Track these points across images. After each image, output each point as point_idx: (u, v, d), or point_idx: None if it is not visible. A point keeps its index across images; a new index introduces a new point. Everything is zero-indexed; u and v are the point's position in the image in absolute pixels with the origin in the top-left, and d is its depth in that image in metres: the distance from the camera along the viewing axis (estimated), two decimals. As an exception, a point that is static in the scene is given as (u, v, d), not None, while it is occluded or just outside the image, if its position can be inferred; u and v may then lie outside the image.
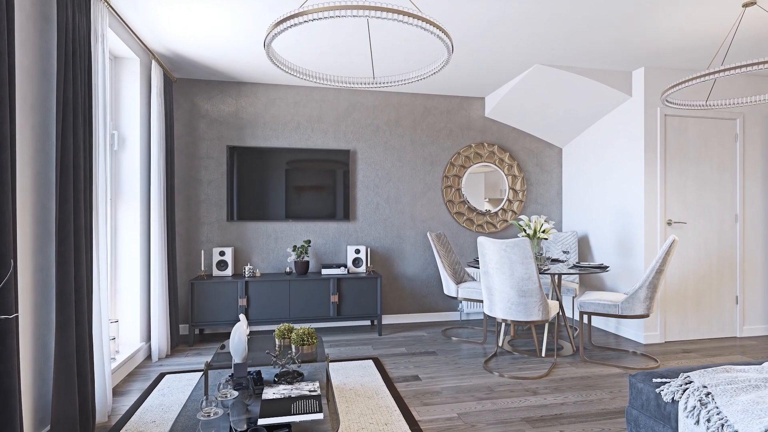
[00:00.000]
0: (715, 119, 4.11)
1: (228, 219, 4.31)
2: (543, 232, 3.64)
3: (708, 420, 1.53)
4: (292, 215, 4.41)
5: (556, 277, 3.77)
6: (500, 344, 3.83)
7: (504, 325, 3.92)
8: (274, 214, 4.39)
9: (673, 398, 1.72)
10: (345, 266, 4.28)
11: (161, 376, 3.10)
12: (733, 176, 4.16)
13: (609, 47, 3.49)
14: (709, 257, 4.11)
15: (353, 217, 4.63)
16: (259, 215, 4.36)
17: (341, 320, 4.17)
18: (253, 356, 2.45)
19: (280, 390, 2.00)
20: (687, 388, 1.70)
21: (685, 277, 4.05)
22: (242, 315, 2.36)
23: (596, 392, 2.83)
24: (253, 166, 4.33)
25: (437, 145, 4.82)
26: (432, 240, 4.16)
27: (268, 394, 1.96)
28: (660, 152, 3.96)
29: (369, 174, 4.67)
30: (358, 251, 4.41)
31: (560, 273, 3.34)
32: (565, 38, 3.33)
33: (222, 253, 4.13)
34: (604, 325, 4.45)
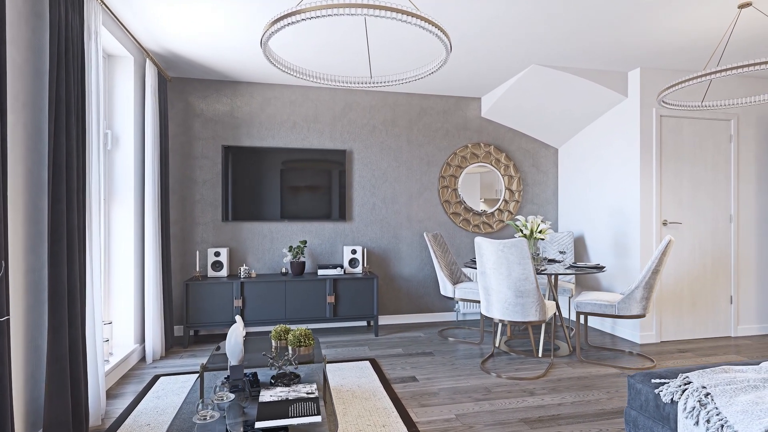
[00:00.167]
0: (710, 120, 4.13)
1: (223, 219, 4.28)
2: (540, 232, 3.64)
3: (708, 421, 1.53)
4: (287, 215, 4.39)
5: (553, 277, 3.78)
6: (497, 345, 3.83)
7: (501, 325, 3.92)
8: (269, 215, 4.35)
9: (672, 399, 1.72)
10: (341, 267, 4.26)
11: (156, 378, 3.06)
12: (727, 177, 4.19)
13: (605, 48, 3.50)
14: (704, 257, 4.13)
15: (349, 218, 4.61)
16: (255, 215, 4.33)
17: (337, 321, 4.15)
18: (249, 358, 2.43)
19: (277, 392, 1.98)
20: (686, 389, 1.70)
21: (680, 277, 4.07)
22: (238, 316, 2.33)
23: (593, 392, 2.83)
24: (249, 166, 4.30)
25: (434, 145, 4.82)
26: (429, 240, 4.15)
27: (265, 396, 1.94)
28: (655, 153, 3.97)
29: (365, 174, 4.65)
30: (354, 252, 4.39)
31: (557, 273, 3.34)
32: (561, 38, 3.33)
33: (217, 254, 4.10)
34: (600, 325, 4.46)
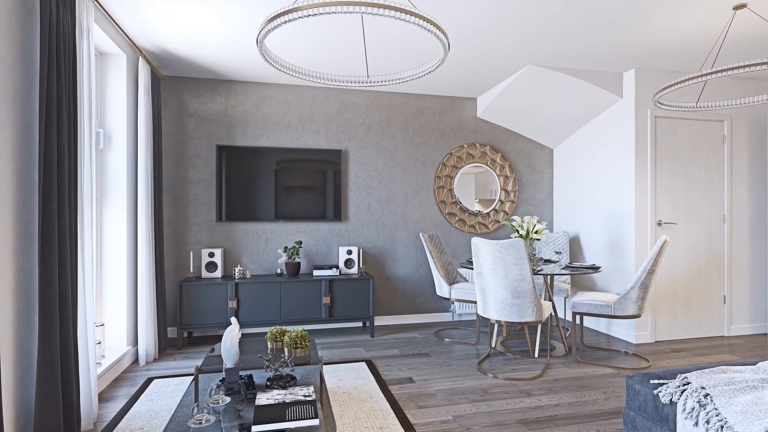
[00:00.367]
0: (704, 121, 4.16)
1: (217, 219, 4.23)
2: (536, 232, 3.64)
3: (707, 422, 1.52)
4: (282, 216, 4.35)
5: (549, 277, 3.78)
6: (493, 345, 3.82)
7: (497, 325, 3.91)
8: (264, 215, 4.32)
9: (671, 400, 1.72)
10: (337, 267, 4.23)
11: (149, 380, 3.02)
12: (720, 177, 4.21)
13: (601, 48, 3.51)
14: (698, 258, 4.15)
15: (345, 218, 4.58)
16: (249, 216, 4.29)
17: (333, 322, 4.12)
18: (245, 360, 2.40)
19: (274, 395, 1.95)
20: (685, 390, 1.70)
21: (674, 277, 4.09)
22: (234, 318, 2.30)
23: (590, 393, 2.83)
24: (243, 166, 4.26)
25: (429, 145, 4.80)
26: (424, 241, 4.14)
27: (262, 399, 1.91)
28: (650, 153, 3.99)
29: (361, 174, 4.62)
30: (350, 252, 4.36)
31: (554, 274, 3.34)
32: (558, 39, 3.33)
33: (211, 255, 4.06)
34: (595, 325, 4.47)
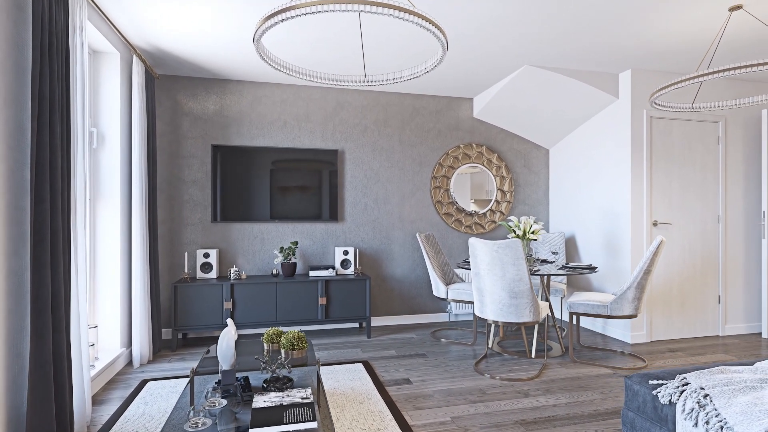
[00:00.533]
0: (699, 122, 4.18)
1: (212, 220, 4.20)
2: (532, 233, 3.63)
3: (707, 422, 1.52)
4: (278, 216, 4.32)
5: (545, 278, 3.78)
6: (490, 345, 3.81)
7: (494, 326, 3.91)
8: (260, 215, 4.29)
9: (670, 400, 1.71)
10: (333, 268, 4.21)
11: (143, 383, 2.98)
12: (715, 178, 4.24)
13: (598, 49, 3.51)
14: (693, 258, 4.17)
15: (341, 218, 4.56)
16: (245, 216, 4.26)
17: (329, 323, 4.10)
18: (241, 361, 2.37)
19: (271, 398, 1.93)
20: (684, 390, 1.70)
21: (669, 277, 4.11)
22: (230, 319, 2.28)
23: (587, 393, 2.83)
24: (239, 166, 4.23)
25: (426, 145, 4.79)
26: (421, 241, 4.12)
27: (259, 402, 1.89)
28: (646, 154, 4.00)
29: (357, 174, 4.61)
30: (346, 252, 4.34)
31: (551, 274, 3.34)
32: (555, 39, 3.33)
33: (206, 255, 4.02)
34: (591, 325, 4.48)
